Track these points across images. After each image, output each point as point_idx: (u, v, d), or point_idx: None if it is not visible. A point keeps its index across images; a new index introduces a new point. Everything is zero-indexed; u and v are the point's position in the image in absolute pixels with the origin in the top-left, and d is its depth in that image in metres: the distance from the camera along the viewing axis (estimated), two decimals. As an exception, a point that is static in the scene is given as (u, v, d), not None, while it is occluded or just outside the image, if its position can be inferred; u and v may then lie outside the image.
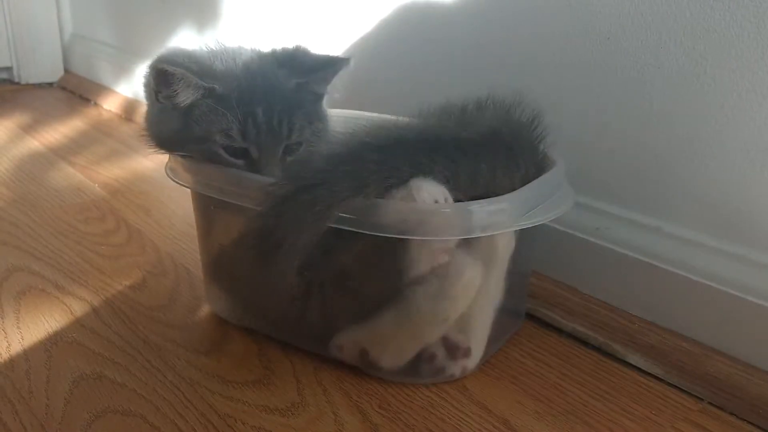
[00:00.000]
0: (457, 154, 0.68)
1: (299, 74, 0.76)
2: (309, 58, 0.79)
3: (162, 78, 0.73)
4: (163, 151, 0.78)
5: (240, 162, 0.74)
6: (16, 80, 2.17)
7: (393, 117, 0.91)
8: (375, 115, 0.95)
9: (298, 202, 0.63)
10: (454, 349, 0.74)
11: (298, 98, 0.76)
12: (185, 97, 0.73)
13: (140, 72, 1.86)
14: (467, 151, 0.68)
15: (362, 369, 0.75)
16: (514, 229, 0.68)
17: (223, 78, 0.74)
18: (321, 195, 0.63)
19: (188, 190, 0.81)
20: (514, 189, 0.69)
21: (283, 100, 0.74)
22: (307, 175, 0.64)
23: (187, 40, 1.64)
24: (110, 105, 1.92)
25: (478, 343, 0.75)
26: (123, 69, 1.91)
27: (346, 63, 0.78)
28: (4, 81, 2.18)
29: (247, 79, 0.74)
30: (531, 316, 0.88)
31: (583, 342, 0.84)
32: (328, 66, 0.78)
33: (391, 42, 1.12)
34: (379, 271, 0.72)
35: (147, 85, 0.78)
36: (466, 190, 0.67)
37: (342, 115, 0.96)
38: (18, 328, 0.83)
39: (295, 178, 0.65)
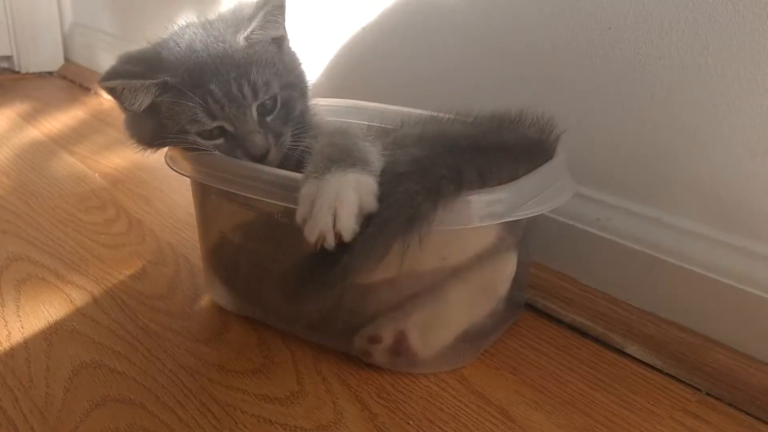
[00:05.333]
0: (503, 157, 0.71)
1: (242, 26, 0.75)
2: (247, 7, 0.77)
3: (112, 94, 0.73)
4: (150, 149, 0.78)
5: (220, 141, 0.73)
6: (17, 69, 2.17)
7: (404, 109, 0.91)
8: (377, 105, 0.94)
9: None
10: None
11: (252, 54, 0.74)
12: (142, 100, 0.73)
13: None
14: (514, 157, 0.72)
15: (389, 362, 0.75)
16: (513, 219, 0.68)
17: (171, 67, 0.72)
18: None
19: (188, 180, 0.81)
20: None
21: (235, 64, 0.72)
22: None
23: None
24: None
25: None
26: (123, 58, 1.90)
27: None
28: (5, 70, 2.18)
29: (194, 58, 0.73)
30: (530, 307, 0.88)
31: (582, 332, 0.84)
32: (265, 5, 0.76)
33: (393, 32, 1.12)
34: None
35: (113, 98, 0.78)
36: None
37: (343, 105, 0.96)
38: (18, 316, 0.83)
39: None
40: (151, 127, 0.75)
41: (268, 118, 0.74)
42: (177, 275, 0.95)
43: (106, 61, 2.00)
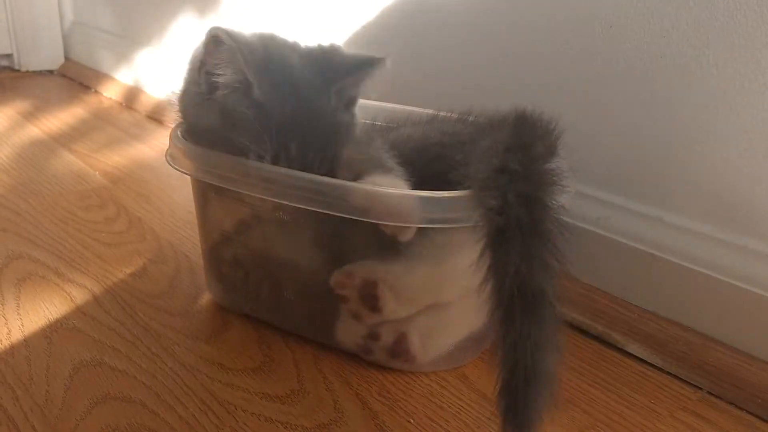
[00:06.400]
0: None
1: (334, 79, 0.72)
2: (344, 59, 0.75)
3: (212, 45, 0.69)
4: (192, 139, 0.75)
5: None
6: (17, 68, 2.17)
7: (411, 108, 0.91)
8: (377, 103, 0.94)
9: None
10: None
11: (335, 118, 0.72)
12: (224, 75, 0.69)
13: (141, 59, 1.86)
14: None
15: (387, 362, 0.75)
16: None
17: (267, 85, 0.69)
18: None
19: (188, 178, 0.81)
20: None
21: (320, 130, 0.71)
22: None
23: (188, 27, 1.63)
24: (111, 93, 1.92)
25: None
26: (123, 56, 1.90)
27: (381, 63, 0.74)
28: (5, 68, 2.18)
29: (289, 94, 0.70)
30: (531, 305, 0.88)
31: (583, 331, 0.84)
32: (364, 67, 0.74)
33: (394, 30, 1.12)
34: None
35: (193, 61, 0.74)
36: None
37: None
38: (18, 314, 0.83)
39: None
40: (214, 124, 0.71)
41: None
42: (177, 273, 0.95)
43: (106, 59, 2.00)
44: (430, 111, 0.86)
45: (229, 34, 0.68)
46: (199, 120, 0.75)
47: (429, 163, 0.72)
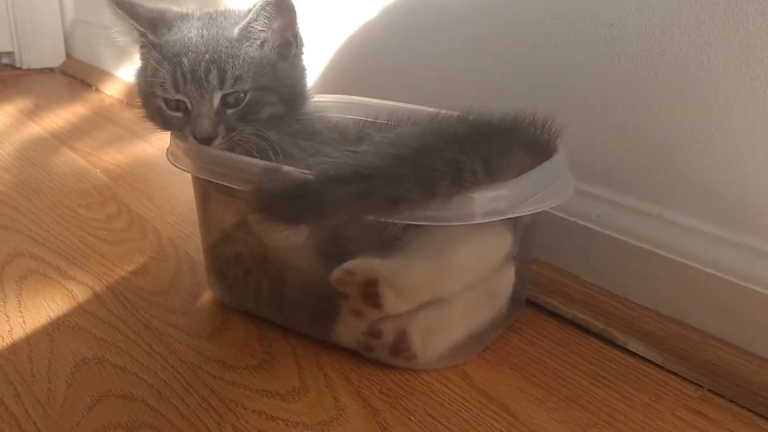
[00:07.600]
0: (509, 145, 0.72)
1: (240, 19, 0.77)
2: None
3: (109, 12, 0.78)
4: (141, 101, 0.81)
5: (178, 115, 0.76)
6: (18, 65, 2.17)
7: (400, 105, 0.91)
8: (377, 102, 0.94)
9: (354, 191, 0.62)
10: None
11: (240, 48, 0.76)
12: (123, 38, 0.79)
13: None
14: (521, 144, 0.73)
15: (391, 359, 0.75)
16: (514, 216, 0.68)
17: (162, 30, 0.78)
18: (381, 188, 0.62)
19: (189, 176, 0.81)
20: None
21: (215, 49, 0.74)
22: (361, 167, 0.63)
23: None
24: (112, 90, 1.92)
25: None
26: (124, 54, 1.90)
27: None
28: (6, 66, 2.18)
29: (184, 32, 0.77)
30: (531, 303, 0.88)
31: (584, 329, 0.84)
32: (263, 2, 0.76)
33: (396, 29, 1.11)
34: None
35: None
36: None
37: (343, 101, 0.96)
38: (20, 312, 0.83)
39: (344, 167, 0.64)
40: (141, 81, 0.80)
41: (229, 111, 0.75)
42: (178, 271, 0.95)
43: (107, 57, 2.00)
44: (431, 110, 0.86)
45: (121, 3, 0.77)
46: (139, 81, 0.81)
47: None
